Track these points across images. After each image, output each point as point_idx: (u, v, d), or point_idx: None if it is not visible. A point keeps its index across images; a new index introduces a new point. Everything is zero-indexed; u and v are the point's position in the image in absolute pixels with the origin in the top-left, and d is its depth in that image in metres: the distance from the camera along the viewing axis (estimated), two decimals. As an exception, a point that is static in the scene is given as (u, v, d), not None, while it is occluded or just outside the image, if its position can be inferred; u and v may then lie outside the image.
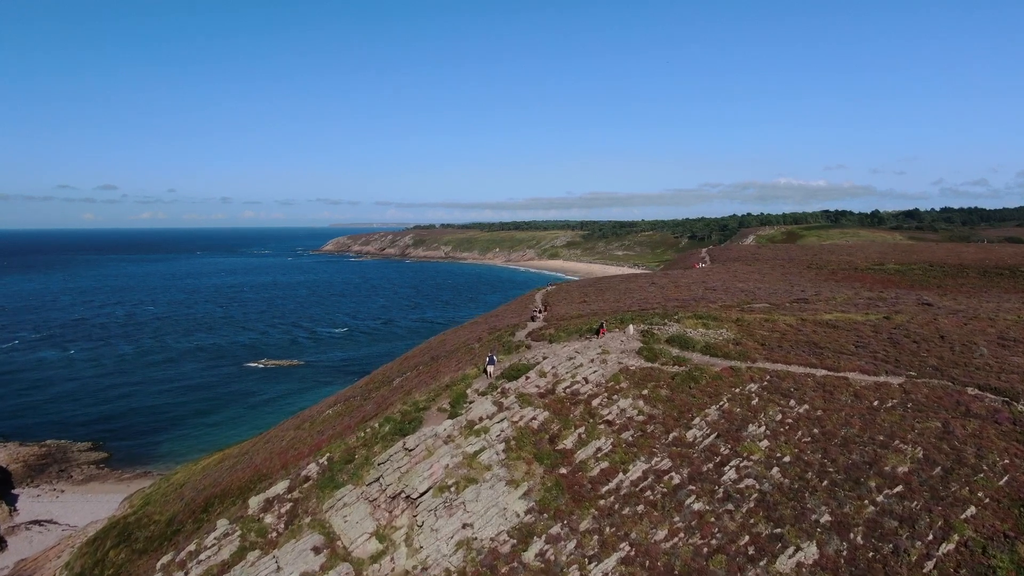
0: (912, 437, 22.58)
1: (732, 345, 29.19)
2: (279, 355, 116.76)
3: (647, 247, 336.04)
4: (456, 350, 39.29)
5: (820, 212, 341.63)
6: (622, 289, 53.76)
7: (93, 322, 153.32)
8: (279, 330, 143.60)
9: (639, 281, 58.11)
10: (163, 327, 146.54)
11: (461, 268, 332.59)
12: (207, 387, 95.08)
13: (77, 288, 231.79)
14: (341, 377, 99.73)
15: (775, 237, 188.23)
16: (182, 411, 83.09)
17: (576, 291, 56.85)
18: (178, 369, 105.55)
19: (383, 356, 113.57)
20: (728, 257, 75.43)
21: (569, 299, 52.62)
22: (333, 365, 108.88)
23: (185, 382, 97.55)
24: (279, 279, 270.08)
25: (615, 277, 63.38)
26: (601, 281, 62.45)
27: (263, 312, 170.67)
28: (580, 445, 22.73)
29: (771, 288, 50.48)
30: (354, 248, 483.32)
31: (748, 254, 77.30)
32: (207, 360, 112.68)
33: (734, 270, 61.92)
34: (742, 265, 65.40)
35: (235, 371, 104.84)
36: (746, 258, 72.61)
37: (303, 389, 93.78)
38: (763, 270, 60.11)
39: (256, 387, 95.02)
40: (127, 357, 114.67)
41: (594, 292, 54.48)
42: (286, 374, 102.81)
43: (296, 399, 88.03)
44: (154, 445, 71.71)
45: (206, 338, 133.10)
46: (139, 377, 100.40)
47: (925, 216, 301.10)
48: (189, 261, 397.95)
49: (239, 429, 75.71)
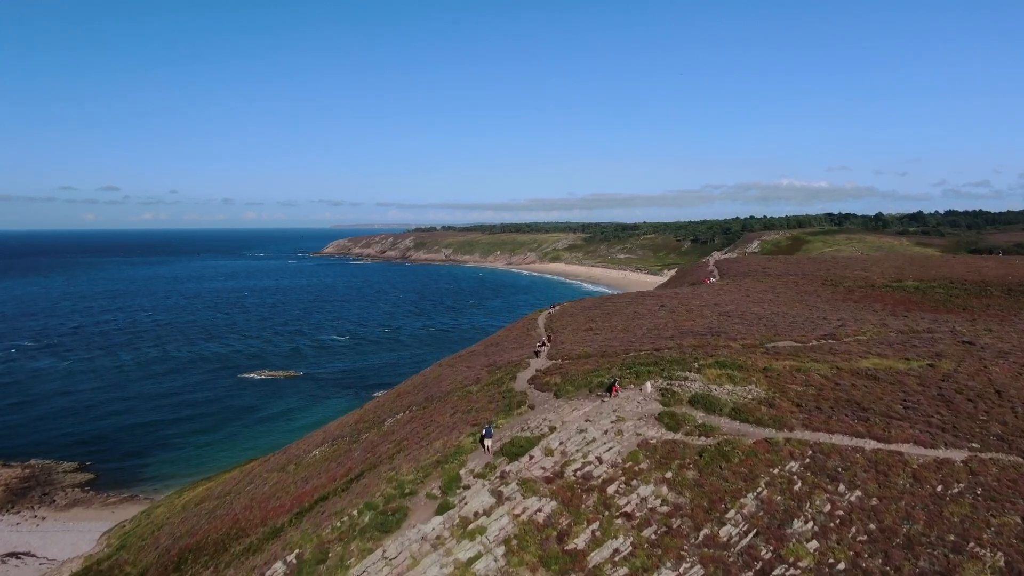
0: (988, 537, 19.02)
1: (764, 407, 25.54)
2: (278, 365, 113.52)
3: (649, 250, 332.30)
4: (452, 392, 35.69)
5: (823, 215, 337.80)
6: (630, 314, 49.89)
7: (92, 330, 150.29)
8: (280, 338, 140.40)
9: (647, 304, 54.22)
10: (163, 335, 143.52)
11: (463, 272, 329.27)
12: (202, 402, 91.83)
13: (77, 293, 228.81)
14: (339, 391, 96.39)
15: (780, 243, 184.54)
16: (174, 428, 79.84)
17: (581, 315, 52.99)
18: (174, 382, 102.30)
19: (384, 367, 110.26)
20: (738, 271, 71.68)
21: (574, 324, 48.96)
22: (333, 377, 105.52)
23: (180, 396, 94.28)
24: (280, 283, 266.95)
25: (621, 298, 59.74)
26: (608, 303, 58.61)
27: (263, 319, 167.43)
28: (594, 545, 19.20)
29: (790, 313, 46.86)
30: (355, 250, 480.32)
31: (758, 268, 73.56)
32: (205, 371, 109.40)
33: (746, 288, 58.38)
34: (754, 282, 61.80)
35: (232, 383, 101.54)
36: (756, 273, 68.93)
37: (300, 406, 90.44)
38: (776, 288, 56.60)
39: (252, 401, 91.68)
40: (125, 368, 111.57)
41: (601, 317, 50.63)
42: (284, 387, 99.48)
43: (292, 417, 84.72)
44: (142, 467, 68.54)
45: (205, 347, 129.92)
46: (134, 390, 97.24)
47: (930, 219, 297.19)
48: (190, 264, 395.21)
49: (231, 451, 72.42)
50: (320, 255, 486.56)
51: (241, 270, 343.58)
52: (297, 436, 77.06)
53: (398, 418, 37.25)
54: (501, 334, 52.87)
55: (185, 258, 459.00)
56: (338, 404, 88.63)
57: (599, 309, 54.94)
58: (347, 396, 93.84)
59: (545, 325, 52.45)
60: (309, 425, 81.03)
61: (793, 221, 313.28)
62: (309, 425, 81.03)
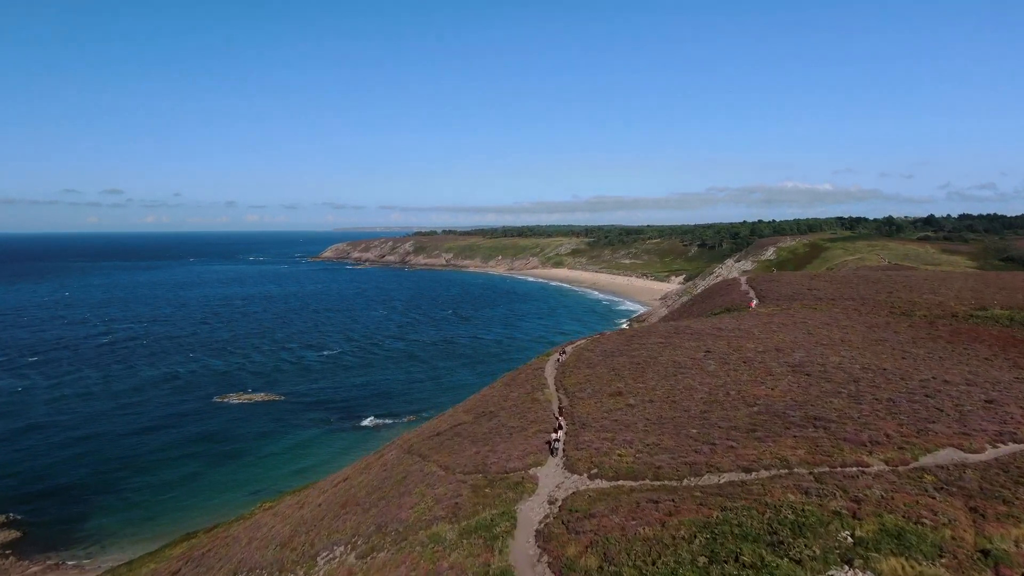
0: None
1: None
2: (258, 386, 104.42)
3: (655, 255, 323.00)
4: (415, 527, 22.73)
5: (834, 219, 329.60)
6: (667, 364, 38.42)
7: (67, 343, 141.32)
8: (261, 353, 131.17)
9: (687, 346, 42.41)
10: (139, 350, 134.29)
11: (463, 278, 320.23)
12: (164, 430, 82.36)
13: (62, 301, 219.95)
14: (320, 420, 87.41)
15: (797, 250, 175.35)
16: (128, 467, 70.40)
17: (602, 365, 41.27)
18: (140, 408, 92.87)
19: (372, 391, 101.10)
20: (780, 293, 61.35)
21: (596, 384, 36.62)
22: (315, 401, 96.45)
23: (143, 427, 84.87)
24: (272, 290, 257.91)
25: (651, 335, 48.66)
26: (634, 343, 45.41)
27: (247, 332, 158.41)
28: None
29: (887, 368, 34.14)
30: (353, 255, 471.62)
31: (803, 289, 63.24)
32: (176, 394, 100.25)
33: (802, 320, 47.70)
34: (806, 309, 51.93)
35: (204, 410, 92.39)
36: (804, 295, 58.83)
37: (275, 433, 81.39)
38: (839, 320, 46.79)
39: (223, 430, 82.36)
40: (89, 390, 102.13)
41: (630, 370, 38.82)
42: (260, 413, 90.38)
43: (265, 450, 75.64)
44: (80, 520, 58.42)
45: (183, 364, 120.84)
46: (93, 419, 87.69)
47: (944, 223, 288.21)
48: (184, 269, 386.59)
49: (190, 499, 62.81)
50: (318, 259, 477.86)
51: (235, 276, 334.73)
52: (267, 477, 68.18)
53: (333, 559, 24.18)
54: (498, 392, 40.70)
55: (181, 263, 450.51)
56: (317, 442, 79.69)
57: (625, 355, 42.73)
58: (328, 428, 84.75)
59: (556, 382, 39.38)
60: (280, 463, 72.06)
61: (804, 225, 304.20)
62: (280, 463, 72.06)
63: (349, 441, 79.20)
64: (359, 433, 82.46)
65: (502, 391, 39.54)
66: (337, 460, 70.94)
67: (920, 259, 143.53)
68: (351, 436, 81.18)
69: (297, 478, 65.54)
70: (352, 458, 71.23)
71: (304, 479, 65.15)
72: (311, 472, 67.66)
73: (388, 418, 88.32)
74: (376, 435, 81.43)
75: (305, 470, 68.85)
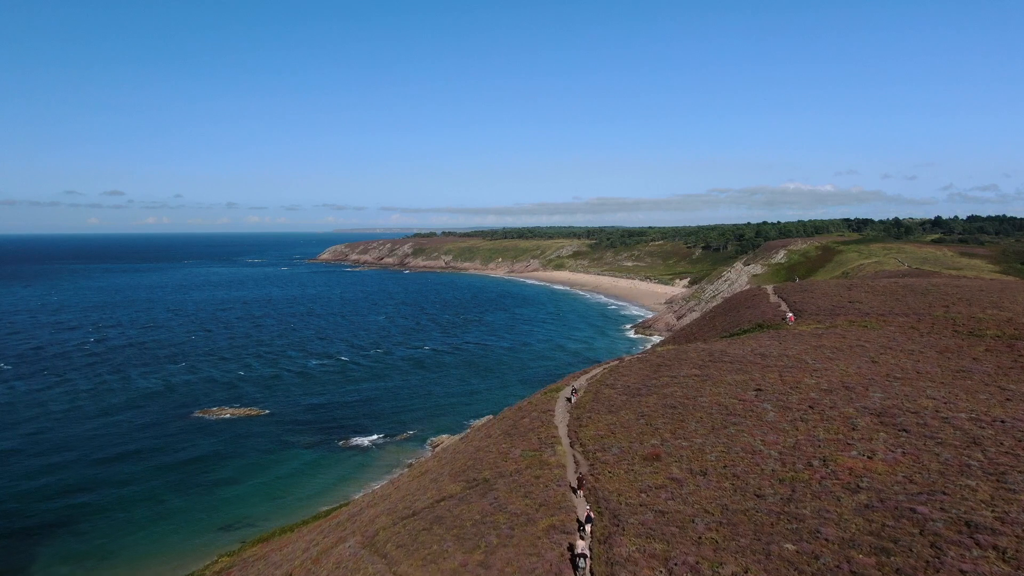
0: None
1: None
2: (242, 399, 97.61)
3: (658, 257, 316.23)
4: None
5: (840, 220, 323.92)
6: (712, 408, 30.20)
7: (48, 351, 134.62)
8: (250, 362, 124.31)
9: (728, 379, 34.17)
10: (123, 359, 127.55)
11: (463, 280, 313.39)
12: (137, 453, 75.11)
13: (49, 305, 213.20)
14: (305, 439, 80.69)
15: (809, 253, 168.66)
16: (93, 498, 63.35)
17: (627, 407, 32.35)
18: (114, 427, 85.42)
19: (365, 405, 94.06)
20: (818, 307, 53.84)
21: (623, 436, 29.41)
22: (302, 417, 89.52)
23: (114, 445, 77.73)
24: (266, 294, 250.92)
25: (683, 363, 40.41)
26: (664, 373, 38.39)
27: (237, 339, 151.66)
28: None
29: (978, 409, 27.75)
30: (351, 257, 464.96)
31: (844, 301, 55.82)
32: (154, 408, 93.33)
33: (858, 342, 39.37)
34: (855, 327, 44.87)
35: (183, 425, 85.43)
36: (847, 310, 51.49)
37: (257, 455, 74.52)
38: (900, 342, 39.69)
39: (200, 452, 75.23)
40: (63, 406, 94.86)
41: (663, 416, 30.34)
42: (244, 430, 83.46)
43: (244, 477, 68.66)
44: (21, 571, 50.97)
45: (166, 375, 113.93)
46: (56, 438, 79.74)
47: (954, 225, 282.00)
48: (178, 271, 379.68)
49: (152, 543, 54.30)
50: (316, 261, 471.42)
51: (231, 278, 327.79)
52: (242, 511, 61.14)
53: None
54: (496, 445, 31.53)
55: (176, 265, 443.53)
56: (302, 467, 72.85)
57: (654, 393, 33.68)
58: (314, 449, 78.01)
59: (570, 433, 30.60)
60: (259, 493, 65.11)
61: (810, 227, 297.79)
62: (259, 493, 65.11)
63: (336, 466, 72.41)
64: (348, 455, 75.72)
65: (501, 443, 31.97)
66: (321, 492, 64.28)
67: (940, 263, 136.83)
68: (339, 459, 74.38)
69: (276, 513, 59.01)
70: (336, 491, 64.37)
71: (283, 514, 58.55)
72: (291, 506, 61.13)
73: (383, 436, 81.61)
74: (366, 457, 74.73)
75: (285, 503, 62.21)
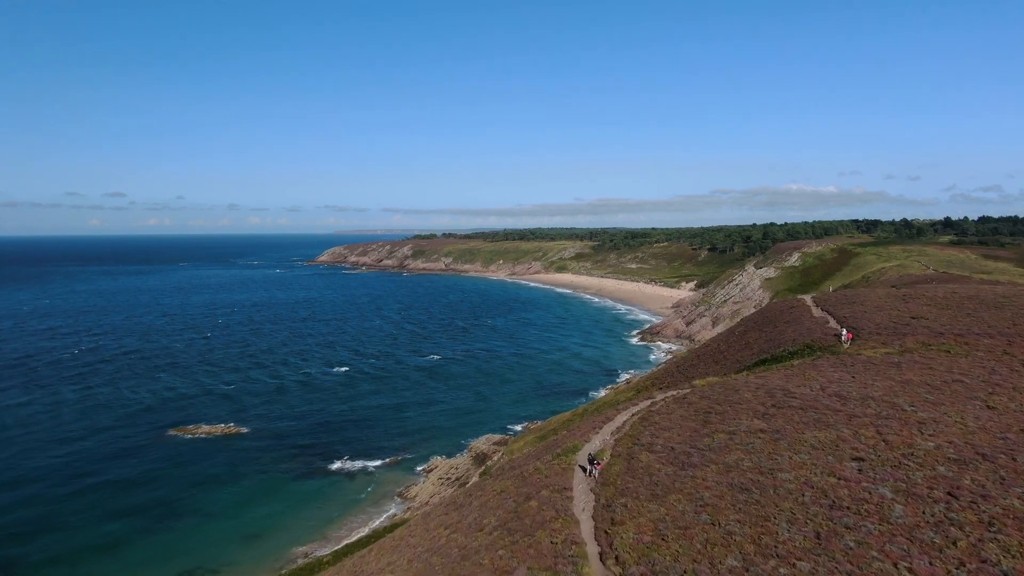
0: None
1: None
2: (221, 415, 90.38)
3: (663, 259, 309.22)
4: None
5: (849, 221, 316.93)
6: (798, 493, 19.45)
7: (26, 359, 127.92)
8: (234, 372, 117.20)
9: (807, 438, 23.50)
10: (104, 368, 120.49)
11: (463, 283, 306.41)
12: (99, 479, 67.54)
13: (39, 309, 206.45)
14: (286, 464, 73.63)
15: (824, 255, 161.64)
16: (43, 532, 56.07)
17: (677, 488, 20.86)
18: (80, 446, 77.78)
19: (352, 425, 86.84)
20: (875, 324, 44.60)
21: (684, 551, 16.94)
22: (283, 436, 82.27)
23: (77, 467, 70.26)
24: (257, 298, 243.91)
25: (739, 413, 25.92)
26: (714, 428, 26.19)
27: (224, 346, 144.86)
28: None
29: None
30: (350, 259, 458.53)
31: (900, 313, 46.99)
32: (126, 424, 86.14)
33: (951, 374, 29.23)
34: (935, 353, 36.26)
35: (152, 445, 78.15)
36: (910, 326, 42.45)
37: (229, 481, 67.33)
38: (1001, 373, 30.35)
39: (168, 477, 67.75)
40: (33, 421, 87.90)
41: (733, 506, 19.07)
42: (219, 451, 76.34)
43: (212, 506, 61.34)
44: None
45: (144, 386, 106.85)
46: (22, 465, 73.34)
47: (967, 226, 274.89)
48: (174, 274, 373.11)
49: None
50: (314, 263, 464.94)
51: (226, 281, 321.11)
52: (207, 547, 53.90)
53: None
54: (489, 561, 19.13)
55: (173, 267, 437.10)
56: (277, 495, 65.97)
57: (711, 462, 22.40)
58: (293, 474, 70.84)
59: (599, 535, 18.98)
60: (227, 525, 57.41)
61: (819, 228, 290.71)
62: (227, 525, 57.41)
63: (318, 499, 65.02)
64: (332, 484, 68.38)
65: (497, 549, 20.26)
66: (298, 537, 57.17)
67: (966, 266, 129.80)
68: (322, 489, 66.96)
69: (244, 559, 51.99)
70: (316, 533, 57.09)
71: (252, 561, 51.70)
72: (262, 540, 54.23)
73: (368, 460, 74.55)
74: (353, 488, 67.57)
75: (256, 536, 55.26)
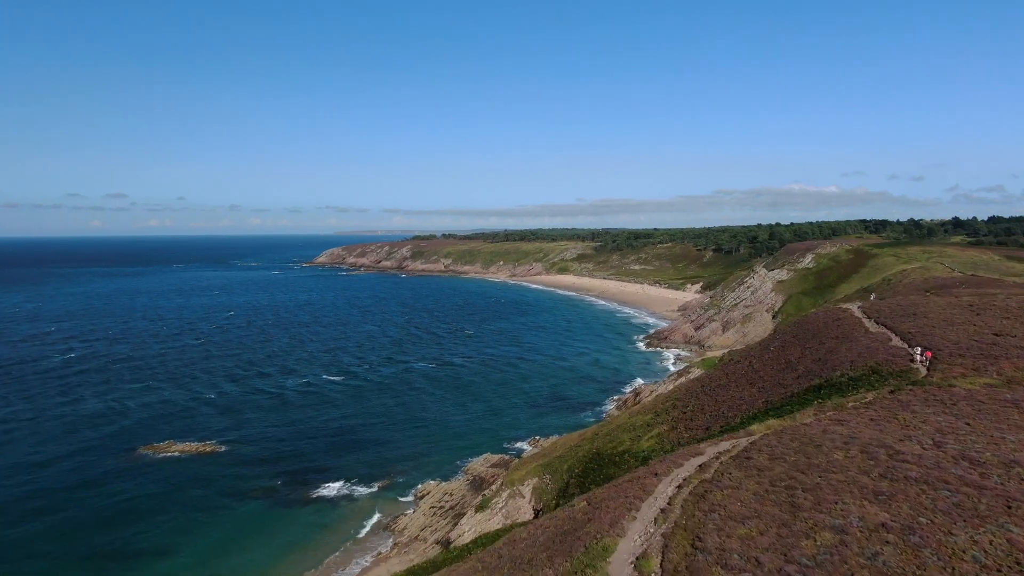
0: None
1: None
2: (195, 431, 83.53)
3: (667, 260, 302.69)
4: None
5: (857, 221, 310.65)
6: None
7: (28, 367, 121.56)
8: (215, 382, 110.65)
9: (956, 542, 14.61)
10: (86, 377, 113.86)
11: (462, 285, 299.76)
12: (55, 507, 60.77)
13: (27, 313, 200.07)
14: (265, 479, 67.37)
15: (839, 257, 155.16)
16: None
17: None
18: (42, 469, 70.69)
19: (337, 431, 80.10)
20: (957, 345, 35.87)
21: None
22: (261, 456, 75.37)
23: (34, 493, 63.66)
24: (250, 300, 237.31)
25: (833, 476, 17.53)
26: (808, 516, 16.65)
27: (213, 353, 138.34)
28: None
29: None
30: (349, 260, 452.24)
31: (987, 332, 38.94)
32: (97, 441, 79.49)
33: None
34: None
35: (120, 467, 71.20)
36: (1005, 348, 33.58)
37: (198, 510, 60.79)
38: None
39: (133, 509, 61.32)
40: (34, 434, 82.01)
41: None
42: (190, 474, 69.45)
43: (176, 542, 54.46)
44: None
45: (124, 397, 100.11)
46: None
47: (979, 226, 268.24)
48: (169, 276, 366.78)
49: None
50: (312, 264, 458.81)
51: (222, 283, 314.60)
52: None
53: None
54: None
55: (168, 269, 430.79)
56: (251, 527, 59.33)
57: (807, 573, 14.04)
58: (271, 500, 64.09)
59: None
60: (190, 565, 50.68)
61: (827, 229, 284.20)
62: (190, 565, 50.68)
63: (296, 529, 58.24)
64: (314, 512, 61.63)
65: None
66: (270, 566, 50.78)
67: (992, 268, 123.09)
68: (301, 519, 60.23)
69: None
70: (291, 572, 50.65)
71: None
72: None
73: (355, 484, 67.86)
74: (336, 515, 60.92)
75: (224, 582, 48.92)
